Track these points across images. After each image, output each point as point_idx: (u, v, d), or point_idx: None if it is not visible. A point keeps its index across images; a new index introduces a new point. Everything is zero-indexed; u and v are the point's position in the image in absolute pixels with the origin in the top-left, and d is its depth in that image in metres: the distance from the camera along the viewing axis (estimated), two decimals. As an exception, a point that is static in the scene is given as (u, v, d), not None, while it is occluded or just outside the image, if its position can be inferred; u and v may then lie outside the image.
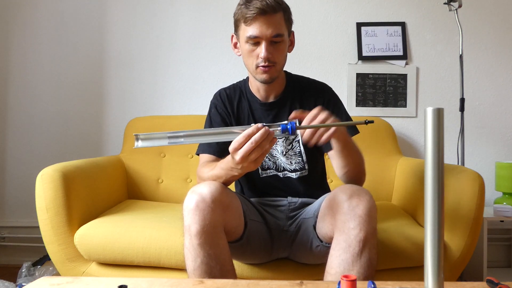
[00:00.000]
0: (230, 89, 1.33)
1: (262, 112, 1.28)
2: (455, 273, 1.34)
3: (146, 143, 0.88)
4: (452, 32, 2.12)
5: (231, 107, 1.30)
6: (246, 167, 0.95)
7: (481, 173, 1.39)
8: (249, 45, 1.15)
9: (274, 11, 1.11)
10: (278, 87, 1.27)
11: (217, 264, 0.98)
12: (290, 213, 1.25)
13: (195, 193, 1.00)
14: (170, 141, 0.89)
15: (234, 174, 1.03)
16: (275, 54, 1.15)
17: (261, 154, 0.92)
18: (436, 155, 0.65)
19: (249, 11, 1.10)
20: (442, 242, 0.65)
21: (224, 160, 1.04)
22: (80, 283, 0.85)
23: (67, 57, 2.18)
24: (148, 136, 0.88)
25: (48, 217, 1.32)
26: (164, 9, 2.18)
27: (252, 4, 1.10)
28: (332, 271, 0.96)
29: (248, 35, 1.13)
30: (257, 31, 1.11)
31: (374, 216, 0.98)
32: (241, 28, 1.16)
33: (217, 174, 1.08)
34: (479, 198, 1.28)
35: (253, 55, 1.16)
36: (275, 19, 1.12)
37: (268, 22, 1.11)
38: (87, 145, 2.16)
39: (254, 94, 1.29)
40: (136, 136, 0.87)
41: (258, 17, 1.10)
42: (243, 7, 1.12)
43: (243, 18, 1.12)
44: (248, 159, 0.92)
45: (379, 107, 2.15)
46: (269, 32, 1.11)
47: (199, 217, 0.97)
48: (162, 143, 0.89)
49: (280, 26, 1.14)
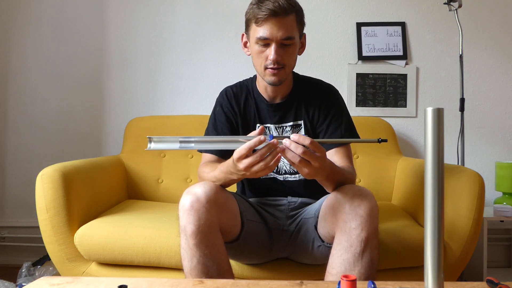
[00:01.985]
0: (236, 87, 1.32)
1: (269, 112, 1.27)
2: (455, 273, 1.34)
3: (159, 145, 0.91)
4: (452, 32, 2.12)
5: (237, 106, 1.28)
6: (249, 175, 0.94)
7: (481, 173, 1.39)
8: (259, 46, 1.14)
9: (286, 13, 1.09)
10: (285, 88, 1.26)
11: (213, 264, 0.98)
12: (290, 213, 1.25)
13: (190, 193, 1.01)
14: (181, 145, 0.91)
15: (233, 178, 1.03)
16: (284, 57, 1.13)
17: (264, 169, 0.91)
18: (436, 155, 0.65)
19: (260, 11, 1.08)
20: (442, 242, 0.65)
21: (225, 164, 1.04)
22: (80, 283, 0.85)
23: (68, 57, 2.18)
24: (161, 139, 0.91)
25: (48, 217, 1.32)
26: (164, 9, 2.18)
27: (265, 4, 1.08)
28: (333, 271, 0.96)
29: (258, 36, 1.11)
30: (267, 32, 1.10)
31: (376, 216, 0.97)
32: (251, 28, 1.14)
33: (217, 176, 1.08)
34: (479, 198, 1.28)
35: (262, 56, 1.14)
36: (286, 22, 1.10)
37: (279, 24, 1.09)
38: (87, 145, 2.16)
39: (261, 94, 1.28)
40: (150, 138, 0.90)
41: (270, 18, 1.08)
42: (255, 7, 1.10)
43: (254, 18, 1.11)
44: (251, 170, 0.92)
45: (379, 107, 2.15)
46: (279, 35, 1.10)
47: (194, 217, 0.97)
48: (173, 147, 0.91)
49: (291, 28, 1.12)
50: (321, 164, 0.91)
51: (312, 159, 0.89)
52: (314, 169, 0.91)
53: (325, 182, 1.06)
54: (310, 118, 1.25)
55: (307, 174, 0.92)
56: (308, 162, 0.90)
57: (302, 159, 0.89)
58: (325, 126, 1.24)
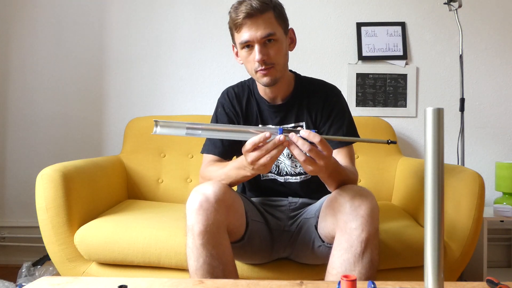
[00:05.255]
0: (238, 87, 1.31)
1: (270, 113, 1.26)
2: (455, 273, 1.34)
3: (164, 130, 0.87)
4: (452, 32, 2.12)
5: (239, 106, 1.28)
6: (256, 169, 0.94)
7: (481, 173, 1.39)
8: (245, 51, 1.14)
9: (261, 12, 1.10)
10: (285, 89, 1.25)
11: (219, 264, 0.98)
12: (291, 213, 1.25)
13: (198, 192, 1.00)
14: (188, 131, 0.88)
15: (246, 174, 1.02)
16: (271, 55, 1.13)
17: (271, 161, 0.91)
18: (436, 155, 0.65)
19: (236, 17, 1.10)
20: (442, 242, 0.65)
21: (238, 159, 1.04)
22: (80, 283, 0.85)
23: (67, 57, 2.18)
24: (167, 124, 0.87)
25: (48, 217, 1.32)
26: (164, 10, 2.18)
27: (239, 10, 1.10)
28: (334, 271, 0.97)
29: (240, 41, 1.13)
30: (246, 35, 1.10)
31: (376, 216, 0.97)
32: (235, 36, 1.16)
33: (228, 172, 1.07)
34: (479, 198, 1.28)
35: (250, 61, 1.14)
36: (263, 20, 1.10)
37: (256, 24, 1.10)
38: (87, 145, 2.16)
39: (262, 96, 1.27)
40: (156, 122, 0.86)
41: (246, 21, 1.09)
42: (232, 14, 1.12)
43: (234, 25, 1.13)
44: (258, 163, 0.91)
45: (379, 107, 2.15)
46: (258, 34, 1.10)
47: (202, 217, 0.97)
48: (179, 133, 0.88)
49: (270, 25, 1.11)
50: (326, 163, 0.91)
51: (318, 157, 0.89)
52: (319, 167, 0.91)
53: (327, 180, 1.06)
54: (312, 119, 1.24)
55: (311, 171, 0.92)
56: (313, 160, 0.90)
57: (308, 157, 0.89)
58: (327, 126, 1.23)
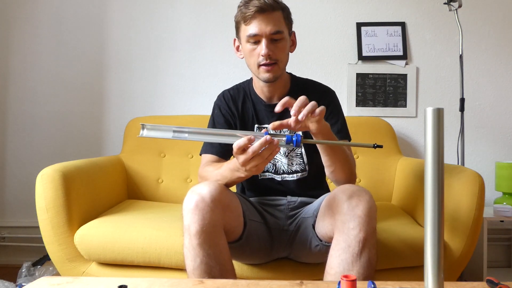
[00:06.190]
0: (233, 90, 1.34)
1: (266, 113, 1.28)
2: (455, 273, 1.34)
3: (151, 133, 0.88)
4: (452, 32, 2.12)
5: (235, 107, 1.30)
6: (249, 170, 0.95)
7: (481, 173, 1.39)
8: (250, 44, 1.17)
9: (272, 9, 1.14)
10: (281, 88, 1.28)
11: (216, 264, 0.98)
12: (290, 212, 1.25)
13: (194, 192, 1.00)
14: (175, 135, 0.88)
15: (240, 176, 1.02)
16: (276, 52, 1.16)
17: (262, 162, 0.92)
18: (436, 155, 0.65)
19: (248, 10, 1.13)
20: (442, 242, 0.65)
21: (233, 161, 1.04)
22: (80, 283, 0.85)
23: (67, 57, 2.18)
24: (154, 127, 0.88)
25: (48, 217, 1.32)
26: (164, 9, 2.18)
27: (251, 4, 1.13)
28: (332, 271, 0.96)
29: (248, 34, 1.15)
30: (256, 29, 1.14)
31: (373, 216, 0.98)
32: (241, 29, 1.19)
33: (223, 173, 1.08)
34: (479, 198, 1.28)
35: (254, 54, 1.17)
36: (274, 17, 1.15)
37: (267, 20, 1.14)
38: (87, 145, 2.16)
39: (258, 95, 1.29)
40: (143, 125, 0.87)
41: (257, 15, 1.13)
42: (243, 8, 1.15)
43: (243, 18, 1.15)
44: (249, 165, 0.92)
45: (379, 107, 2.15)
46: (268, 29, 1.14)
47: (198, 216, 0.97)
48: (166, 136, 0.88)
49: (279, 23, 1.16)
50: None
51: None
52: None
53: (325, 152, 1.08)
54: None
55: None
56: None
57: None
58: None
